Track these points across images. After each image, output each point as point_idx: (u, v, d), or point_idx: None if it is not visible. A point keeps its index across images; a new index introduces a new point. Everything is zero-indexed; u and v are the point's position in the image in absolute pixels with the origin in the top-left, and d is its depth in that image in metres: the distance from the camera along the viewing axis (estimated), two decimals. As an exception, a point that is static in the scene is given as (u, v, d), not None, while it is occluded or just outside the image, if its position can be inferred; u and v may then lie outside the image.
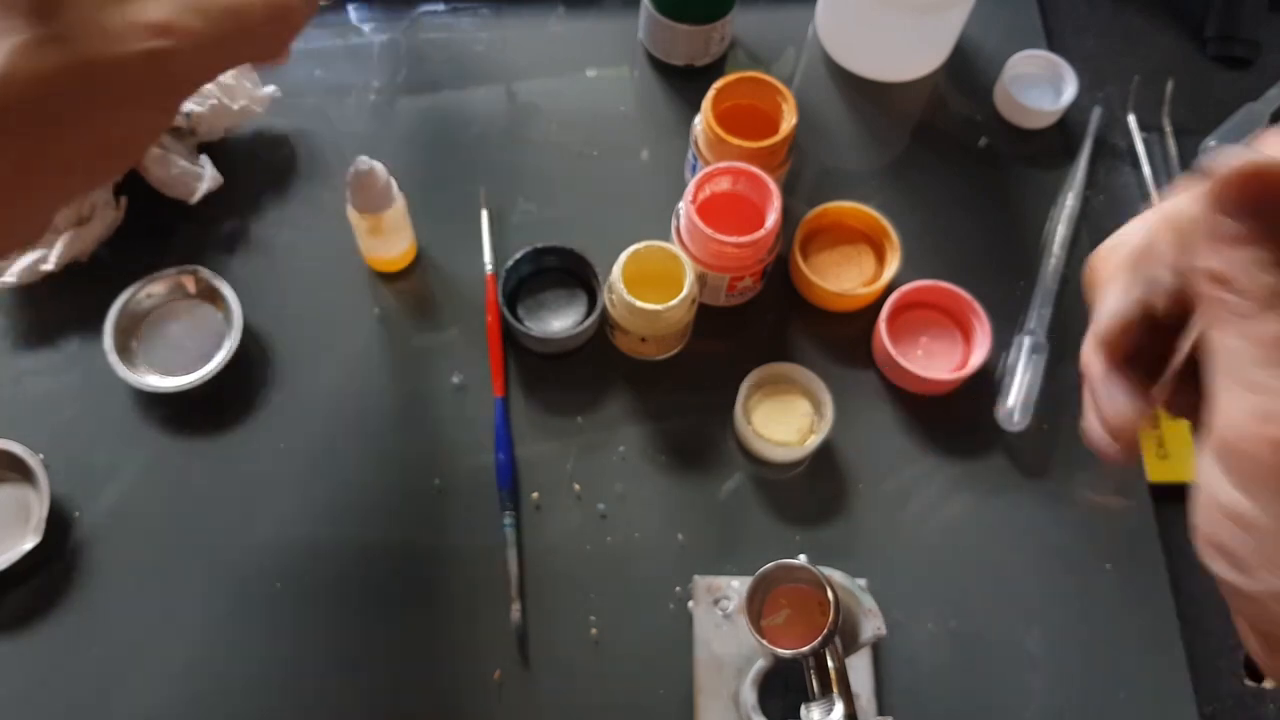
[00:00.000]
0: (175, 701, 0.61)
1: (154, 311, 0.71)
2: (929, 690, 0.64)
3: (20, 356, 0.70)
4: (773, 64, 0.86)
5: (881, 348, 0.71)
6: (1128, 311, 0.32)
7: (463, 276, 0.74)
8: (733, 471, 0.69)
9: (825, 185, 0.80)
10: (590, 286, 0.72)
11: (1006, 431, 0.70)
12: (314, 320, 0.72)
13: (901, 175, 0.81)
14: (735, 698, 0.60)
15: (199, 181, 0.73)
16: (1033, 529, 0.65)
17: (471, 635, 0.63)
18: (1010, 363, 0.72)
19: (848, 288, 0.73)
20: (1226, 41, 0.87)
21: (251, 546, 0.65)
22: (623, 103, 0.83)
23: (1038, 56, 0.84)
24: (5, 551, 0.62)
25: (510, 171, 0.79)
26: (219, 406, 0.69)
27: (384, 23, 0.85)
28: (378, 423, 0.70)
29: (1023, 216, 0.80)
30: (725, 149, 0.70)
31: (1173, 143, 0.82)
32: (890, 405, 0.72)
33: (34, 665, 0.62)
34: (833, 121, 0.84)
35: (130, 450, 0.68)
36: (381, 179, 0.66)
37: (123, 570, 0.65)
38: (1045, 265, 0.76)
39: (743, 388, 0.69)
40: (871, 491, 0.69)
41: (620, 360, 0.72)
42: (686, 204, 0.68)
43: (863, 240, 0.76)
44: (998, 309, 0.72)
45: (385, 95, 0.82)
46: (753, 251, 0.68)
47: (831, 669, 0.51)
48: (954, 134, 0.83)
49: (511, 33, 0.85)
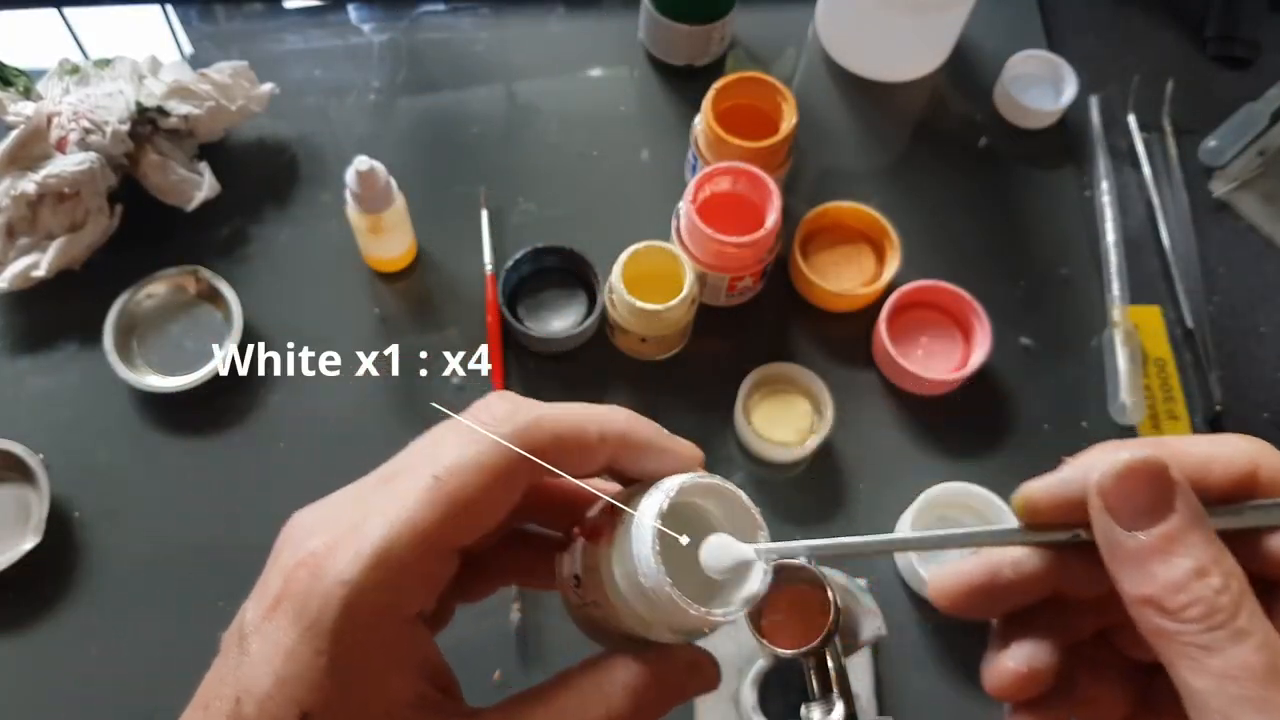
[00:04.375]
0: (175, 701, 0.61)
1: (154, 312, 0.71)
2: (929, 690, 0.63)
3: (21, 357, 0.70)
4: (773, 64, 0.86)
5: (881, 348, 0.71)
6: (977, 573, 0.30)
7: (463, 276, 0.74)
8: (733, 471, 0.69)
9: (825, 185, 0.80)
10: (590, 286, 0.72)
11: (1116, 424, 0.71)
12: (314, 320, 0.72)
13: (901, 175, 0.81)
14: (735, 698, 0.60)
15: (197, 189, 0.73)
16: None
17: (471, 635, 0.63)
18: (1106, 358, 0.73)
19: (848, 288, 0.73)
20: (1226, 41, 0.87)
21: (251, 546, 0.65)
22: (623, 103, 0.83)
23: (1038, 56, 0.83)
24: (5, 551, 0.62)
25: (510, 171, 0.79)
26: (219, 406, 0.69)
27: (384, 23, 0.85)
28: (378, 423, 0.70)
29: (1023, 216, 0.80)
30: (725, 149, 0.70)
31: (1173, 143, 0.82)
32: (890, 405, 0.72)
33: (34, 665, 0.62)
34: (833, 121, 0.84)
35: (130, 450, 0.68)
36: (381, 179, 0.66)
37: (123, 570, 0.65)
38: (1106, 250, 0.77)
39: (743, 388, 0.69)
40: (871, 491, 0.69)
41: (620, 360, 0.72)
42: (686, 204, 0.68)
43: (863, 240, 0.76)
44: (998, 309, 0.72)
45: (385, 95, 0.82)
46: (753, 251, 0.68)
47: (831, 669, 0.50)
48: (954, 134, 0.83)
49: (511, 33, 0.85)
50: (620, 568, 0.28)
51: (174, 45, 0.84)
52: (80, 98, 0.70)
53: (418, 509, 0.27)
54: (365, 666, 0.26)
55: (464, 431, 0.28)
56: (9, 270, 0.69)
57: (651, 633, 0.29)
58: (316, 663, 0.26)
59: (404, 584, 0.27)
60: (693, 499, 0.30)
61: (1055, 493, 0.28)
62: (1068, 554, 0.29)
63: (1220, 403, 0.73)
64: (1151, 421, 0.72)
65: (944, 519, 0.67)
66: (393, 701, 0.27)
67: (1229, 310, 0.77)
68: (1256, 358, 0.75)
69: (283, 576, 0.27)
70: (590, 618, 0.31)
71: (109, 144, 0.69)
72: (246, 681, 0.26)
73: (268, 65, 0.78)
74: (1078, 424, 0.72)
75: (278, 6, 0.86)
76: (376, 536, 0.26)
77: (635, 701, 0.28)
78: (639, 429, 0.30)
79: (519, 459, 0.28)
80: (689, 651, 0.30)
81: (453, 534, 0.27)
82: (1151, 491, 0.25)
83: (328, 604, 0.26)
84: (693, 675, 0.30)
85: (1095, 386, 0.73)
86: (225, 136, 0.77)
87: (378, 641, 0.26)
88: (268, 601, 0.27)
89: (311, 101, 0.81)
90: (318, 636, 0.26)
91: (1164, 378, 0.73)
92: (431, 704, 0.28)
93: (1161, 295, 0.77)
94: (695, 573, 0.29)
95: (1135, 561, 0.25)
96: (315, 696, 0.26)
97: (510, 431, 0.28)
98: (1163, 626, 0.24)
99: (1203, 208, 0.81)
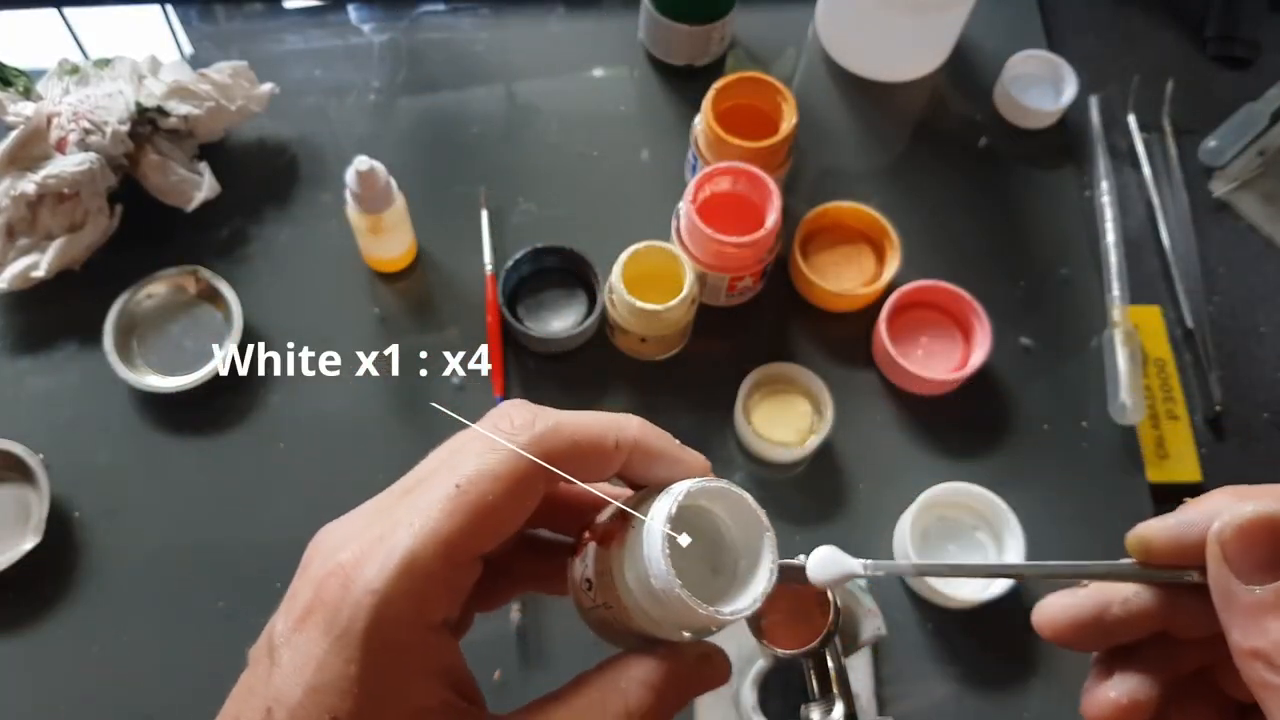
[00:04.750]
0: (175, 701, 0.61)
1: (154, 312, 0.71)
2: (929, 690, 0.63)
3: (21, 357, 0.70)
4: (773, 64, 0.86)
5: (881, 348, 0.71)
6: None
7: (463, 276, 0.74)
8: (733, 471, 0.69)
9: (825, 185, 0.80)
10: (590, 286, 0.72)
11: (1117, 423, 0.70)
12: (314, 320, 0.72)
13: (901, 175, 0.81)
14: (735, 698, 0.60)
15: (197, 190, 0.73)
16: (1032, 528, 0.65)
17: (471, 635, 0.63)
18: (1106, 358, 0.73)
19: (848, 288, 0.73)
20: (1226, 41, 0.87)
21: (251, 546, 0.65)
22: (623, 103, 0.83)
23: (1038, 56, 0.83)
24: (5, 551, 0.62)
25: (510, 171, 0.79)
26: (219, 406, 0.69)
27: (384, 23, 0.85)
28: (378, 423, 0.70)
29: (1023, 216, 0.80)
30: (725, 149, 0.70)
31: (1173, 143, 0.82)
32: (890, 405, 0.72)
33: (34, 665, 0.62)
34: (833, 121, 0.84)
35: (130, 450, 0.68)
36: (381, 179, 0.66)
37: (123, 570, 0.65)
38: (1106, 250, 0.77)
39: (743, 388, 0.69)
40: (871, 491, 0.69)
41: (620, 360, 0.72)
42: (686, 204, 0.68)
43: (863, 240, 0.76)
44: (998, 309, 0.72)
45: (385, 95, 0.82)
46: (753, 251, 0.68)
47: (831, 669, 0.50)
48: (954, 134, 0.83)
49: (511, 33, 0.85)
50: (631, 570, 0.29)
51: (174, 45, 0.84)
52: (80, 98, 0.70)
53: (441, 518, 0.27)
54: (393, 674, 0.27)
55: (483, 440, 0.29)
56: (9, 270, 0.69)
57: (661, 632, 0.30)
58: (347, 671, 0.26)
59: (430, 592, 0.27)
60: (700, 503, 0.31)
61: (1174, 535, 0.28)
62: (1179, 593, 0.29)
63: (1220, 403, 0.73)
64: (1151, 422, 0.72)
65: (944, 519, 0.67)
66: (419, 708, 0.27)
67: (1229, 310, 0.77)
68: (1256, 358, 0.75)
69: (313, 588, 0.27)
70: (602, 619, 0.32)
71: (109, 144, 0.69)
72: (277, 692, 0.26)
73: (268, 65, 0.78)
74: (1078, 424, 0.72)
75: (278, 6, 0.86)
76: (403, 546, 0.27)
77: (653, 696, 0.29)
78: (652, 438, 0.31)
79: (538, 467, 0.29)
80: (699, 646, 0.31)
81: (476, 541, 0.28)
82: (1273, 547, 0.25)
83: (358, 613, 0.26)
84: (705, 667, 0.31)
85: (1095, 386, 0.73)
86: (225, 136, 0.77)
87: (406, 649, 0.27)
88: (297, 613, 0.27)
89: (311, 101, 0.81)
90: (348, 646, 0.26)
91: (1164, 378, 0.73)
92: (457, 711, 0.28)
93: (1161, 295, 0.77)
94: (701, 573, 0.31)
95: (1249, 614, 0.25)
96: (345, 704, 0.26)
97: (529, 440, 0.28)
98: (1270, 680, 0.25)
99: (1203, 208, 0.81)
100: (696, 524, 0.31)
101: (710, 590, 0.30)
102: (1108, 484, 0.70)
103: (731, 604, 0.29)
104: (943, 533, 0.67)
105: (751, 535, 0.30)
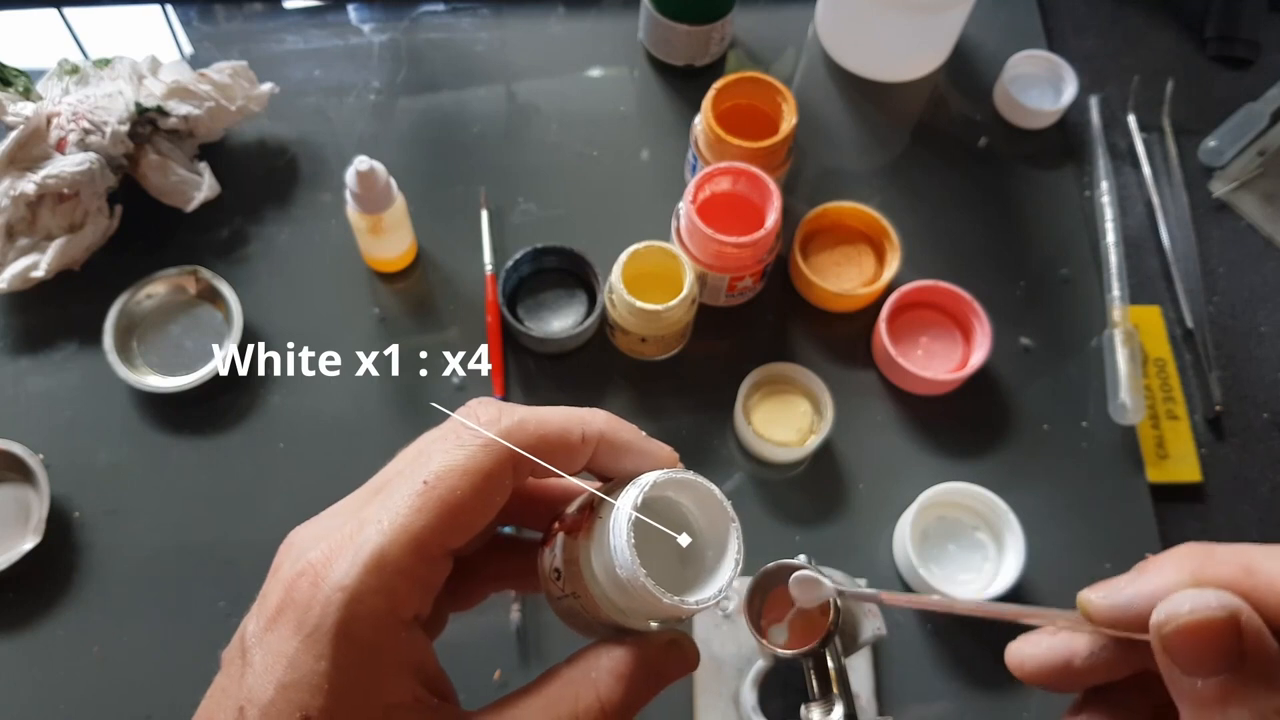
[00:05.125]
0: (175, 701, 0.61)
1: (154, 312, 0.71)
2: (929, 690, 0.63)
3: (21, 357, 0.70)
4: (773, 64, 0.86)
5: (881, 348, 0.71)
6: None
7: (463, 276, 0.74)
8: (733, 471, 0.69)
9: (825, 185, 0.80)
10: (590, 286, 0.72)
11: (1117, 424, 0.71)
12: (314, 320, 0.72)
13: (901, 175, 0.81)
14: (735, 698, 0.60)
15: (197, 190, 0.73)
16: (1032, 528, 0.65)
17: (471, 635, 0.63)
18: (1106, 357, 0.73)
19: (848, 288, 0.73)
20: (1226, 41, 0.87)
21: (251, 546, 0.65)
22: (623, 103, 0.83)
23: (1038, 56, 0.83)
24: (5, 551, 0.62)
25: (510, 171, 0.79)
26: (219, 406, 0.69)
27: (384, 23, 0.85)
28: (378, 423, 0.70)
29: (1023, 216, 0.80)
30: (725, 149, 0.70)
31: (1173, 143, 0.82)
32: (890, 405, 0.72)
33: (34, 665, 0.62)
34: (833, 121, 0.84)
35: (130, 450, 0.68)
36: (381, 179, 0.66)
37: (122, 570, 0.65)
38: (1106, 250, 0.77)
39: (743, 388, 0.69)
40: (871, 491, 0.69)
41: (620, 360, 0.72)
42: (686, 204, 0.68)
43: (863, 240, 0.76)
44: (998, 309, 0.72)
45: (385, 95, 0.82)
46: (753, 251, 0.68)
47: (831, 669, 0.50)
48: (954, 134, 0.83)
49: (511, 33, 0.85)
50: (598, 559, 0.30)
51: (174, 45, 0.84)
52: (80, 98, 0.70)
53: (410, 514, 0.28)
54: (365, 670, 0.27)
55: (449, 438, 0.29)
56: (9, 271, 0.69)
57: (629, 621, 0.30)
58: (318, 668, 0.26)
59: (400, 588, 0.27)
60: (666, 493, 0.31)
61: (1115, 612, 0.27)
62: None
63: (1220, 403, 0.73)
64: (1151, 422, 0.72)
65: (944, 519, 0.67)
66: (391, 704, 0.27)
67: (1229, 310, 0.77)
68: (1256, 358, 0.75)
69: (283, 587, 0.27)
70: (570, 609, 0.32)
71: (108, 144, 0.69)
72: (249, 691, 0.27)
73: (268, 65, 0.78)
74: (1078, 424, 0.72)
75: (278, 6, 0.86)
76: (372, 543, 0.27)
77: (622, 686, 0.29)
78: (618, 430, 0.31)
79: (504, 462, 0.29)
80: (667, 634, 0.31)
81: (445, 536, 0.28)
82: (1217, 646, 0.24)
83: (328, 610, 0.26)
84: (673, 654, 0.31)
85: (1095, 386, 0.73)
86: (225, 137, 0.77)
87: (376, 645, 0.27)
88: (269, 613, 0.27)
89: (311, 101, 0.81)
90: (318, 643, 0.26)
91: (1164, 378, 0.73)
92: (428, 707, 0.28)
93: (1161, 295, 0.77)
94: (669, 563, 0.31)
95: (1195, 703, 0.25)
96: (317, 701, 0.26)
97: (495, 435, 0.29)
98: None
99: (1203, 208, 0.81)
100: (665, 515, 0.31)
101: (678, 580, 0.30)
102: (1108, 484, 0.70)
103: (696, 594, 0.29)
104: (943, 532, 0.67)
105: (719, 526, 0.31)
